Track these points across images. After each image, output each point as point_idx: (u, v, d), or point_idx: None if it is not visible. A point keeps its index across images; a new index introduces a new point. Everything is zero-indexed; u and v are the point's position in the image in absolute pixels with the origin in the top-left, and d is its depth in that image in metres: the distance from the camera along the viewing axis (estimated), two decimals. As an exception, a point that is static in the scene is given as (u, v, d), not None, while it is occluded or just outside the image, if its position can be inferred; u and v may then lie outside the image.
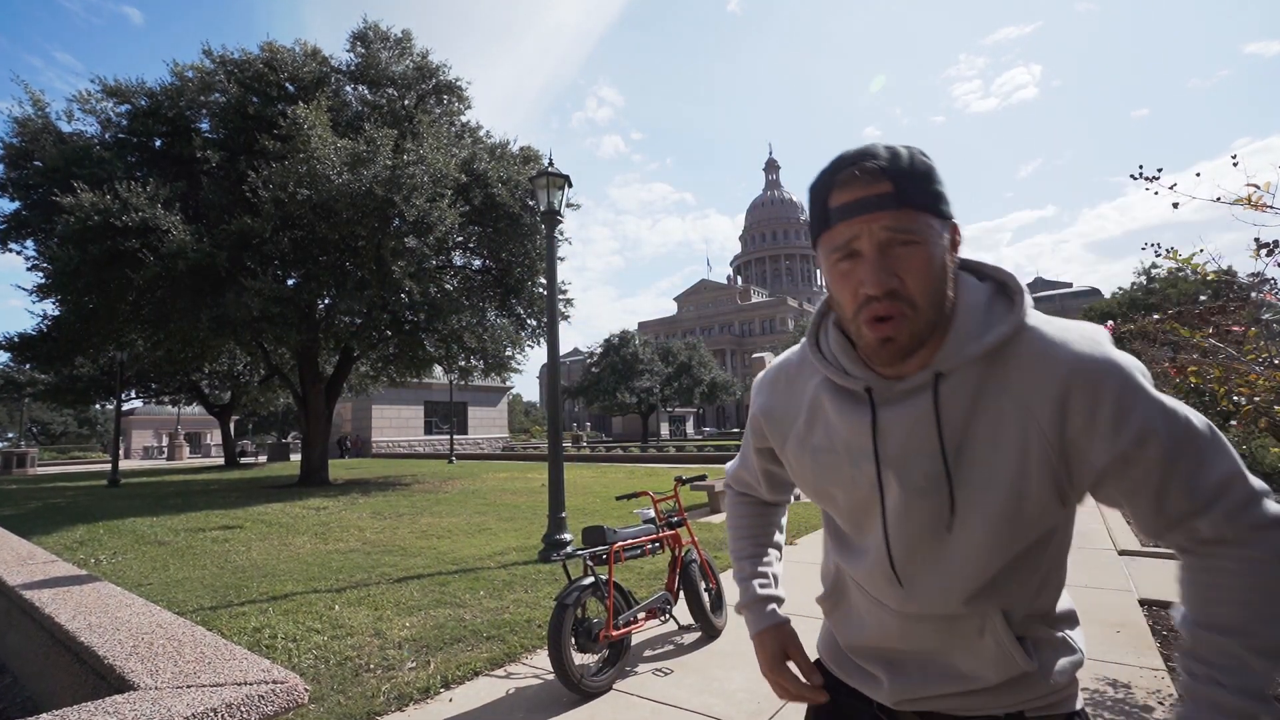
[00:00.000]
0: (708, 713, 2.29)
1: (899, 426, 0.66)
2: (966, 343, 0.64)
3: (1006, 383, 0.63)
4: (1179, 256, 1.97)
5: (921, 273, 0.61)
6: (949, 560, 0.67)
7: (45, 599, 2.13)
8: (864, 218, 0.61)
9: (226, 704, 1.25)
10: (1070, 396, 0.61)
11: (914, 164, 0.61)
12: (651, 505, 3.25)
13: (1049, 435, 0.62)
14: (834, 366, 0.71)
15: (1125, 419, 0.60)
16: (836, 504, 0.76)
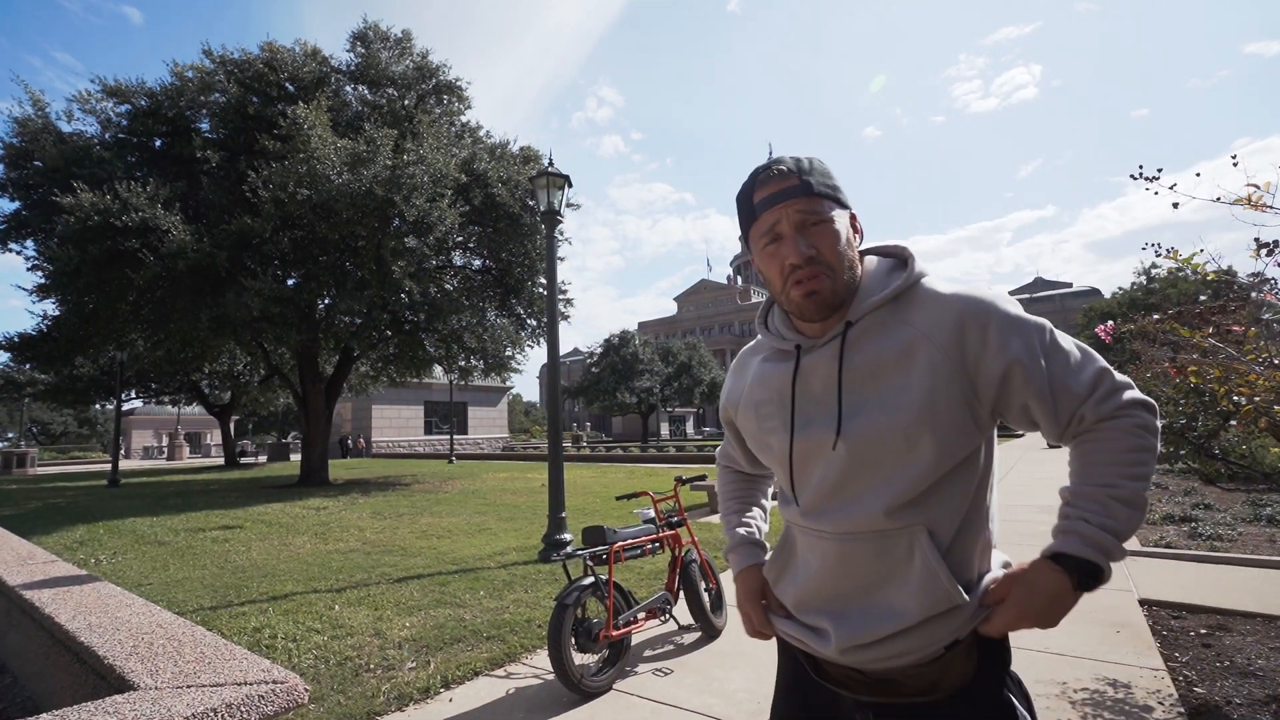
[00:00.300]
0: (708, 713, 2.29)
1: (815, 368, 0.82)
2: (869, 297, 0.80)
3: (909, 322, 0.78)
4: (1179, 256, 1.97)
5: (831, 243, 0.78)
6: (869, 475, 0.77)
7: (45, 599, 2.13)
8: (781, 205, 0.78)
9: (226, 704, 1.25)
10: (965, 328, 0.75)
11: (814, 165, 0.80)
12: (651, 505, 3.25)
13: (952, 357, 0.75)
14: (775, 335, 0.89)
15: (1010, 338, 0.74)
16: (772, 452, 0.88)
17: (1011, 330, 0.74)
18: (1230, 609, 3.16)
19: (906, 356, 0.76)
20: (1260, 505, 5.98)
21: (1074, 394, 0.74)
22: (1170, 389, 2.27)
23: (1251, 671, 2.45)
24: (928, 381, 0.74)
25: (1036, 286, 69.92)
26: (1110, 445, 0.72)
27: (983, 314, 0.75)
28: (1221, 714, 2.13)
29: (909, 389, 0.75)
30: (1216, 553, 4.32)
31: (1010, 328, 0.75)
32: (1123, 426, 0.72)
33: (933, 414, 0.74)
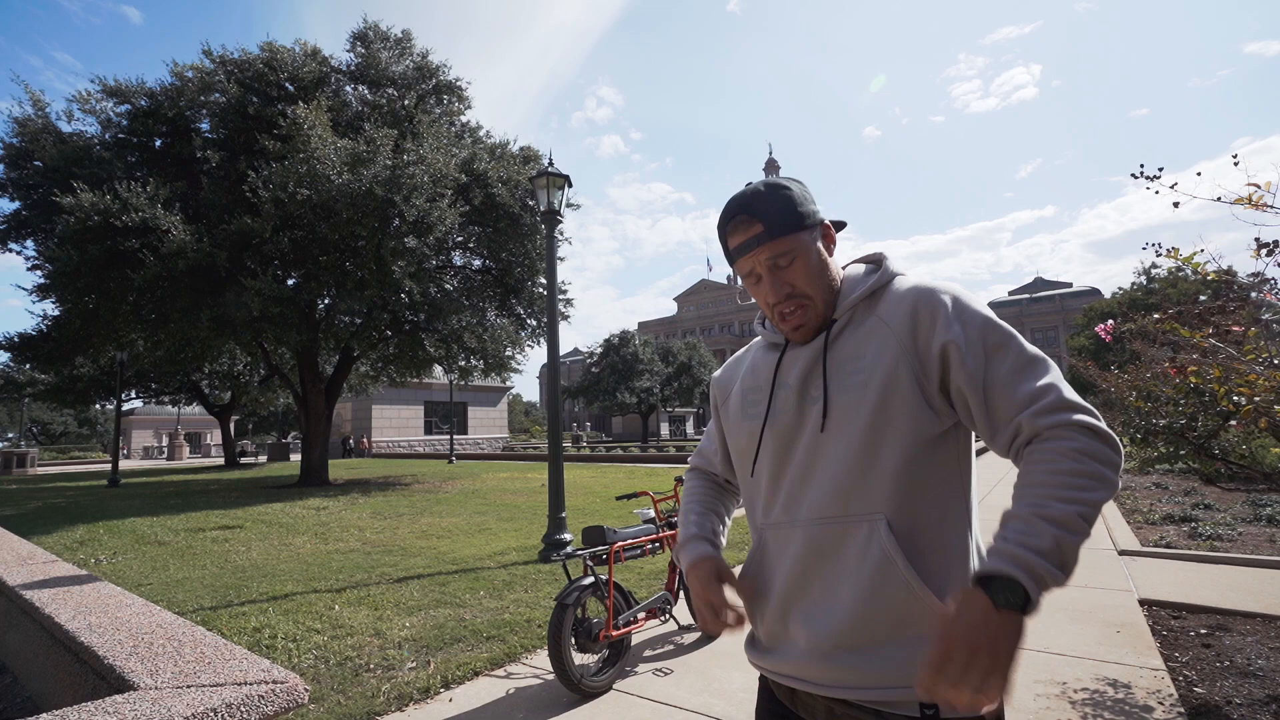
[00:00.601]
0: (707, 712, 2.29)
1: (799, 359, 0.86)
2: (849, 296, 0.85)
3: (877, 313, 0.83)
4: (1179, 256, 1.97)
5: (805, 276, 0.83)
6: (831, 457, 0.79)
7: (45, 599, 2.13)
8: (750, 254, 0.84)
9: (226, 704, 1.24)
10: (917, 310, 0.79)
11: (772, 199, 0.83)
12: (651, 505, 3.26)
13: (905, 342, 0.78)
14: (769, 331, 0.94)
15: (953, 320, 0.76)
16: (745, 437, 0.91)
17: (957, 314, 0.77)
18: (1230, 609, 3.17)
19: (868, 341, 0.80)
20: (1260, 505, 5.98)
21: (1011, 398, 0.72)
22: (1170, 389, 2.26)
23: (1251, 671, 2.45)
24: (884, 364, 0.78)
25: (1036, 286, 69.89)
26: (1044, 467, 0.68)
27: (933, 298, 0.78)
28: (1221, 714, 2.13)
29: (869, 370, 0.79)
30: (1216, 553, 4.32)
31: (956, 312, 0.77)
32: (1061, 448, 0.68)
33: (889, 393, 0.76)
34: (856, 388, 0.78)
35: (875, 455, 0.76)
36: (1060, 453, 0.68)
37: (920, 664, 0.64)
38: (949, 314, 0.76)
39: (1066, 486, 0.66)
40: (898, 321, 0.79)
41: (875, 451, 0.76)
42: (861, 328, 0.82)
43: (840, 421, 0.79)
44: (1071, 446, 0.67)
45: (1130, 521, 5.84)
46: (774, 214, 0.81)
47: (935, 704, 0.69)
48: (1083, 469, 0.66)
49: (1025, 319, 65.18)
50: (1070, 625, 3.05)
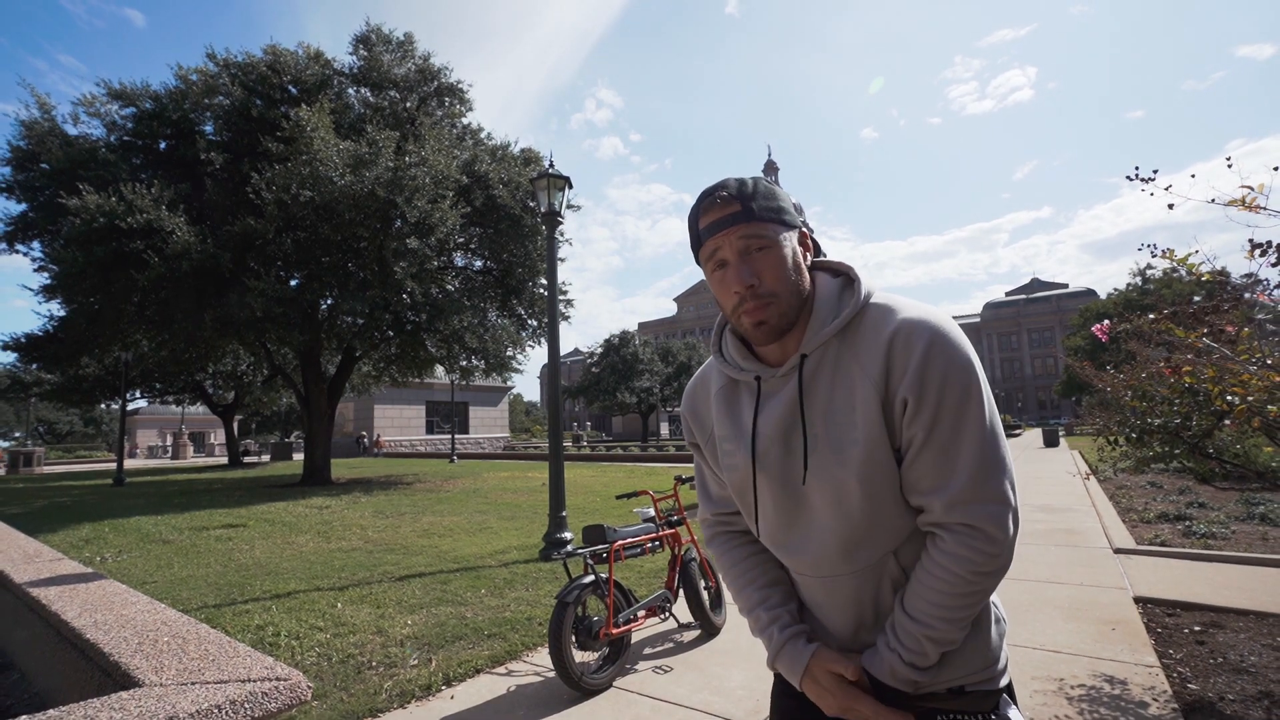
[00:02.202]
0: (707, 710, 2.30)
1: (776, 406, 0.80)
2: (822, 326, 0.77)
3: (856, 352, 0.75)
4: (1174, 257, 1.98)
5: (775, 269, 0.76)
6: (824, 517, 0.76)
7: (52, 596, 2.16)
8: (724, 232, 0.76)
9: (230, 700, 1.25)
10: (892, 356, 0.72)
11: (757, 189, 0.77)
12: (651, 504, 3.27)
13: (880, 392, 0.72)
14: (732, 365, 0.85)
15: (918, 372, 0.70)
16: (734, 487, 0.86)
17: (922, 365, 0.69)
18: (1224, 606, 3.18)
19: (850, 396, 0.74)
20: (1253, 504, 5.99)
21: (932, 476, 0.70)
22: (1165, 388, 2.28)
23: (1244, 668, 2.46)
24: (865, 426, 0.72)
25: (1033, 287, 69.66)
26: (939, 579, 0.70)
27: (908, 342, 0.71)
28: (1215, 710, 2.14)
29: (852, 433, 0.73)
30: (1210, 551, 4.34)
31: (922, 362, 0.69)
32: (957, 560, 0.69)
33: (873, 464, 0.72)
34: (846, 452, 0.73)
35: (870, 506, 0.74)
36: (952, 571, 0.69)
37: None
38: (916, 363, 0.70)
39: (955, 607, 0.70)
40: (875, 369, 0.72)
41: (870, 502, 0.74)
42: (838, 371, 0.75)
43: (832, 483, 0.75)
44: (965, 557, 0.68)
45: (1125, 520, 5.84)
46: (756, 199, 0.76)
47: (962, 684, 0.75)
48: (970, 590, 0.69)
49: (1022, 319, 65.00)
50: (1067, 623, 3.06)
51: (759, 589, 0.87)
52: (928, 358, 0.69)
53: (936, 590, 0.70)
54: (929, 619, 0.71)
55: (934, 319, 0.72)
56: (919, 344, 0.70)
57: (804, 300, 0.78)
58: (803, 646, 0.80)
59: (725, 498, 0.93)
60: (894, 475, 0.73)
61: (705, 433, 0.91)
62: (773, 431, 0.79)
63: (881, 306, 0.76)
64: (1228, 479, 3.99)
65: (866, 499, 0.73)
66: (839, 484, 0.74)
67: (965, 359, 0.70)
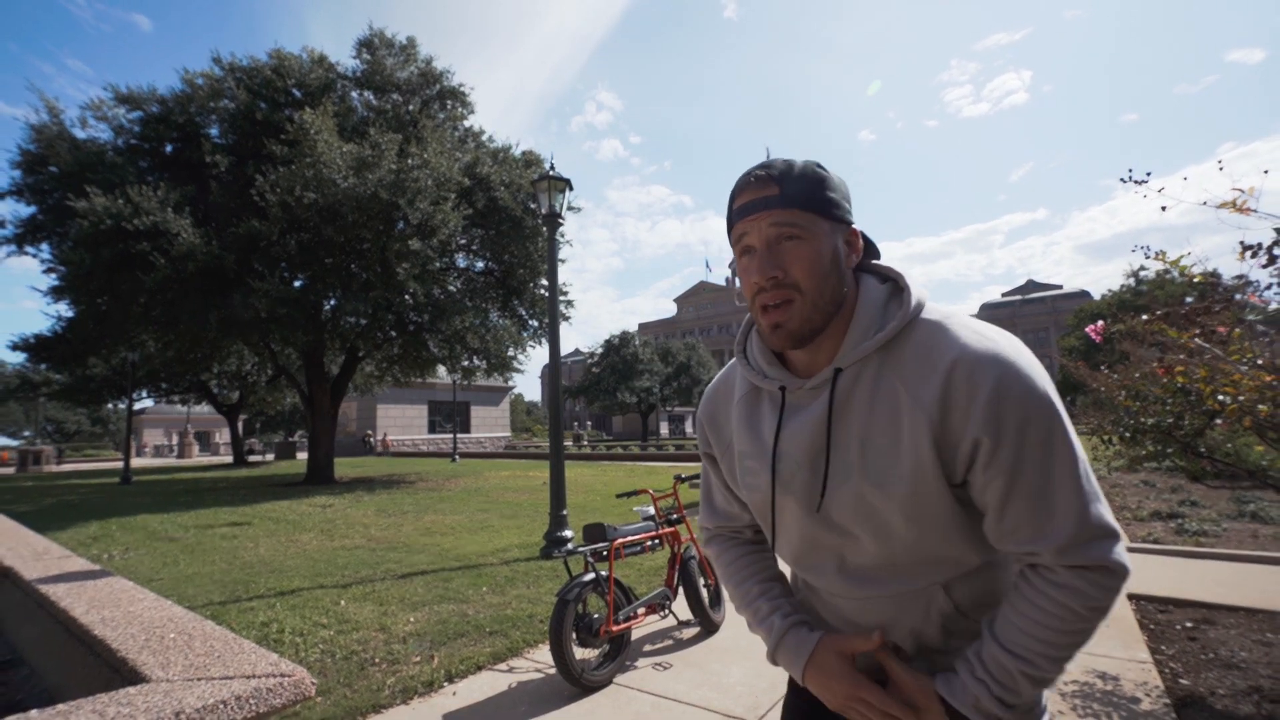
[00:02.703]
0: (707, 706, 2.32)
1: (803, 423, 0.71)
2: (863, 338, 0.68)
3: (902, 375, 0.65)
4: (1167, 259, 1.99)
5: (805, 264, 0.66)
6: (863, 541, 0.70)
7: (60, 593, 2.19)
8: (754, 216, 0.68)
9: (236, 696, 1.27)
10: (952, 390, 0.62)
11: (803, 172, 0.68)
12: (651, 503, 3.29)
13: (935, 425, 0.63)
14: (755, 370, 0.76)
15: (992, 411, 0.60)
16: (753, 504, 0.79)
17: (995, 402, 0.60)
18: (1215, 603, 3.19)
19: (894, 424, 0.65)
20: (1244, 502, 5.99)
21: (1031, 526, 0.62)
22: (1158, 388, 2.29)
23: (1235, 664, 2.47)
24: (913, 459, 0.64)
25: (1028, 288, 69.43)
26: (1047, 616, 0.62)
27: (974, 375, 0.61)
28: (1206, 705, 2.15)
29: (896, 466, 0.65)
30: (1202, 548, 4.34)
31: (995, 399, 0.60)
32: (1074, 595, 0.61)
33: (920, 497, 0.65)
34: (885, 483, 0.65)
35: (912, 544, 0.68)
36: (1068, 608, 0.61)
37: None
38: (986, 402, 0.60)
39: (1064, 645, 0.62)
40: (928, 398, 0.62)
41: (912, 540, 0.67)
42: (879, 395, 0.66)
43: (865, 511, 0.68)
44: (1086, 597, 0.61)
45: (1119, 518, 5.84)
46: (797, 183, 0.67)
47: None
48: (1082, 627, 0.62)
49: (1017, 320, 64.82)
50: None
51: (759, 582, 0.83)
52: (1000, 396, 0.60)
53: (1046, 627, 0.62)
54: (1033, 656, 0.62)
55: (1001, 349, 0.62)
56: (986, 380, 0.61)
57: (838, 304, 0.69)
58: (806, 634, 0.75)
59: (731, 514, 0.88)
60: (946, 511, 0.66)
61: (724, 444, 0.82)
62: (798, 452, 0.71)
63: (935, 325, 0.66)
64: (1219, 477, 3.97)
65: (912, 533, 0.67)
66: (878, 515, 0.67)
67: (1043, 393, 0.61)
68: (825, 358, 0.71)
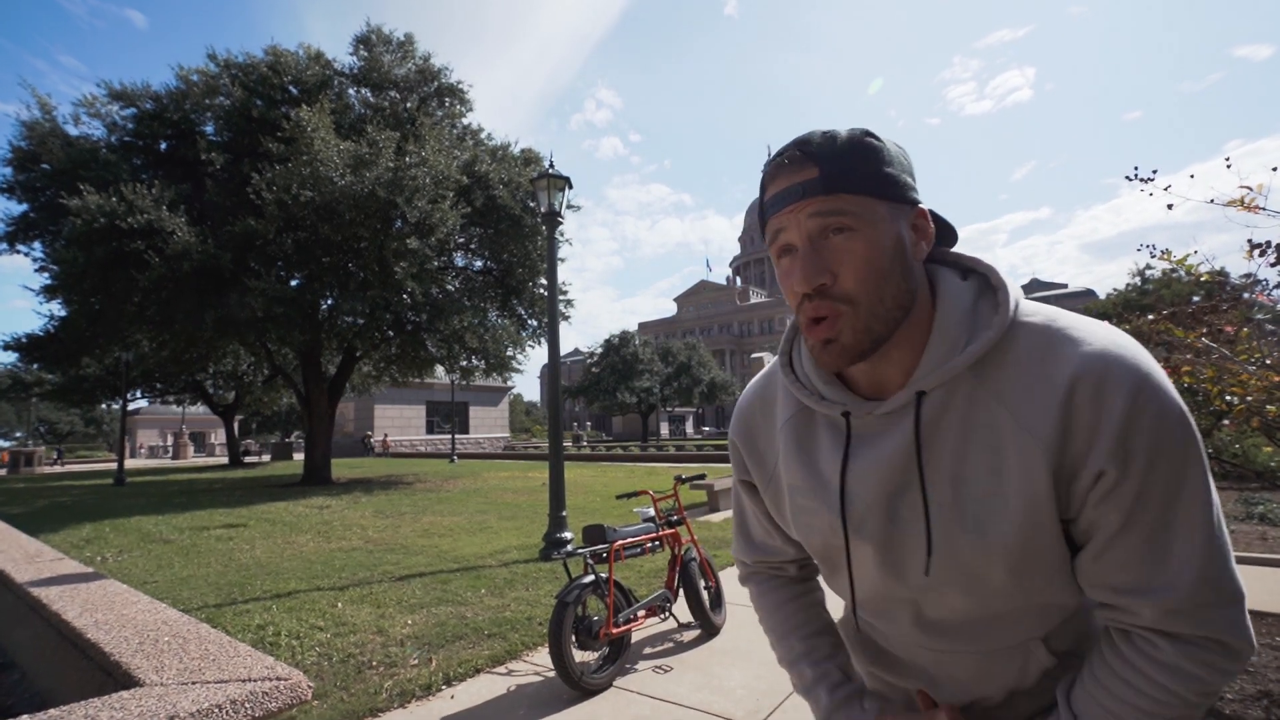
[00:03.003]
0: (707, 709, 2.30)
1: (877, 458, 0.57)
2: (950, 353, 0.54)
3: (1005, 396, 0.52)
4: (1173, 258, 1.98)
5: (859, 264, 0.52)
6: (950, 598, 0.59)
7: (52, 596, 2.16)
8: (791, 208, 0.54)
9: (231, 700, 1.26)
10: (1075, 411, 0.50)
11: (850, 145, 0.53)
12: (651, 504, 3.27)
13: (1053, 455, 0.51)
14: (807, 389, 0.62)
15: (1121, 438, 0.48)
16: (816, 552, 0.68)
17: (1126, 428, 0.48)
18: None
19: (997, 459, 0.53)
20: (1252, 503, 5.99)
21: (1136, 573, 0.51)
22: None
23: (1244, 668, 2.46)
24: (1025, 501, 0.52)
25: (1032, 288, 69.83)
26: (1146, 697, 0.51)
27: (1103, 390, 0.49)
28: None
29: (1003, 510, 0.53)
30: (1213, 551, 4.32)
31: (1127, 423, 0.48)
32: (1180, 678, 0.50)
33: (1031, 545, 0.53)
34: (979, 523, 0.54)
35: (1013, 600, 0.57)
36: (1172, 691, 0.51)
37: None
38: (1118, 424, 0.48)
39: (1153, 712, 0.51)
40: (1045, 424, 0.50)
41: (1014, 596, 0.57)
42: (974, 421, 0.53)
43: (956, 567, 0.56)
44: (1193, 682, 0.50)
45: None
46: (843, 160, 0.53)
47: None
48: (1191, 713, 0.51)
49: None
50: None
51: (803, 639, 0.72)
52: (1134, 415, 0.48)
53: (1143, 711, 0.51)
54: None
55: (1131, 355, 0.50)
56: (1119, 396, 0.48)
57: (906, 308, 0.55)
58: (859, 713, 0.65)
59: (772, 547, 0.75)
60: (1059, 556, 0.54)
61: (767, 474, 0.69)
62: (871, 494, 0.58)
63: (1041, 329, 0.53)
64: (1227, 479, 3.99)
65: (1015, 587, 0.56)
66: (974, 570, 0.55)
67: (1180, 412, 0.49)
68: (896, 373, 0.57)
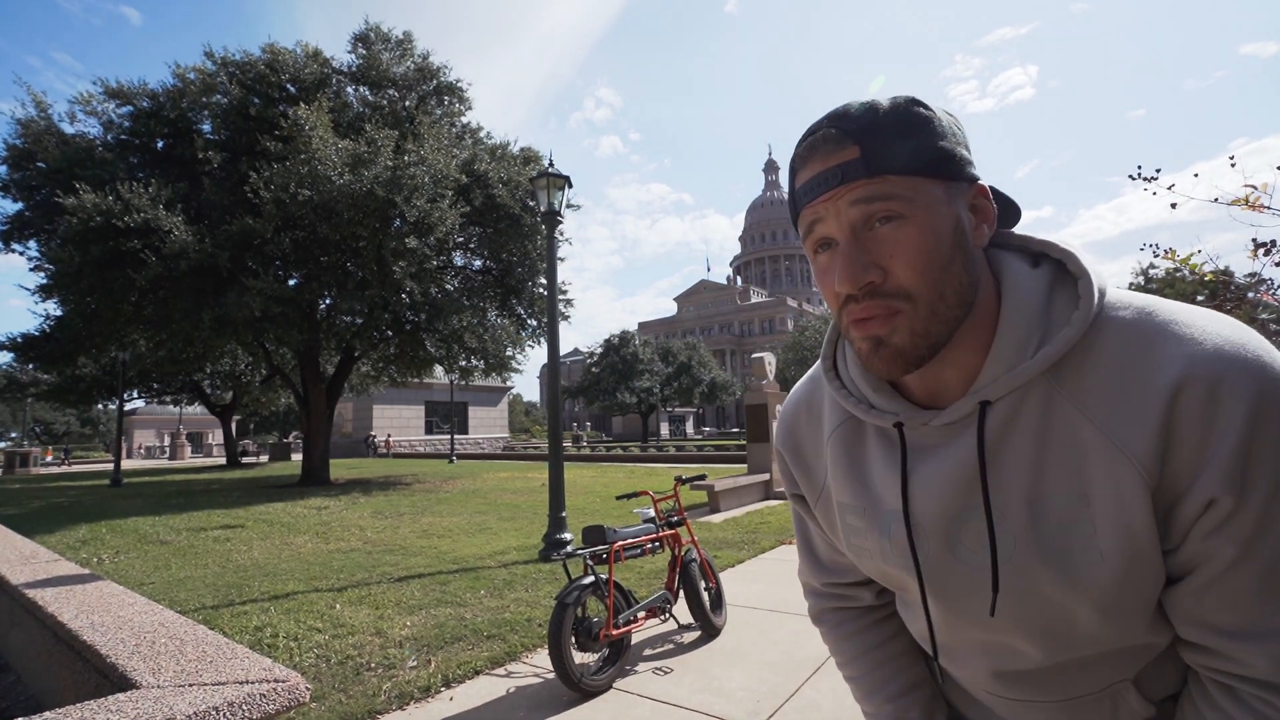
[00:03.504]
0: (707, 711, 2.29)
1: (935, 475, 0.50)
2: (1019, 355, 0.46)
3: (1089, 405, 0.44)
4: (1176, 257, 1.97)
5: (913, 255, 0.45)
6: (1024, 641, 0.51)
7: (48, 598, 2.15)
8: (827, 195, 0.47)
9: (228, 702, 1.25)
10: (1180, 419, 0.41)
11: (895, 116, 0.46)
12: (651, 505, 3.26)
13: (1150, 473, 0.42)
14: (855, 397, 0.55)
15: (1239, 457, 0.40)
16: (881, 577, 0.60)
17: (1245, 444, 0.40)
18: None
19: (1083, 478, 0.45)
20: None
21: (1245, 613, 0.43)
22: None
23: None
24: (1119, 530, 0.44)
25: None
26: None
27: (1215, 388, 0.40)
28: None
29: (1094, 543, 0.45)
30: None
31: (1247, 439, 0.40)
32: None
33: (1127, 581, 0.45)
34: (1062, 556, 0.46)
35: (1103, 643, 0.48)
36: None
37: None
38: (1237, 439, 0.40)
39: None
40: (1141, 438, 0.42)
41: (1104, 639, 0.48)
42: (1051, 433, 0.46)
43: (1033, 603, 0.48)
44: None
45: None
46: (888, 136, 0.46)
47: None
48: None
49: None
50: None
51: (890, 699, 0.64)
52: (1258, 431, 0.40)
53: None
54: None
55: (1255, 353, 0.41)
56: (1239, 405, 0.40)
57: (968, 304, 0.48)
58: None
59: (843, 565, 0.66)
60: (1155, 591, 0.46)
61: (816, 488, 0.62)
62: (928, 517, 0.51)
63: (1134, 323, 0.45)
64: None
65: (1105, 630, 0.47)
66: (1054, 608, 0.47)
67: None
68: (956, 377, 0.49)
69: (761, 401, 8.49)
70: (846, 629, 0.67)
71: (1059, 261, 0.50)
